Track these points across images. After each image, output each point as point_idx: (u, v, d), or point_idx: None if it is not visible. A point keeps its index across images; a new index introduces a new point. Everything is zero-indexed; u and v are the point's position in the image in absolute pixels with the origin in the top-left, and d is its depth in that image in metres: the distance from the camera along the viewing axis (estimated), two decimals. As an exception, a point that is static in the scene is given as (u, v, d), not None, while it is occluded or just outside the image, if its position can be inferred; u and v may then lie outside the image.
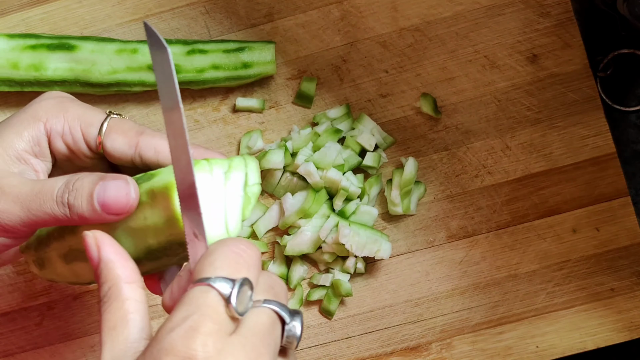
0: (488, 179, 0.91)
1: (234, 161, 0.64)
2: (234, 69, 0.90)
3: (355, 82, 0.92)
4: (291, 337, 0.57)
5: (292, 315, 0.57)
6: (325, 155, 0.89)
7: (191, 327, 0.53)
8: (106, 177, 0.64)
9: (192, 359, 0.52)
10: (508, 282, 0.90)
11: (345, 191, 0.89)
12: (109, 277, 0.60)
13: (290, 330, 0.57)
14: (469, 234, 0.91)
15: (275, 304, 0.56)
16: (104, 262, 0.60)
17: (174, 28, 0.93)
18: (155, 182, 0.63)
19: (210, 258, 0.56)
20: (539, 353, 0.90)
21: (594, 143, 0.91)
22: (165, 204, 0.62)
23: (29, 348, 0.93)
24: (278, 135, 0.93)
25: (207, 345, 0.52)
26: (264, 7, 0.92)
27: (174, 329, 0.53)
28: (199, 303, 0.54)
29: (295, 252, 0.89)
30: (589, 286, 0.90)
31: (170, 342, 0.53)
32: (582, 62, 0.91)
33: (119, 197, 0.63)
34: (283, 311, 0.56)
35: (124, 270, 0.60)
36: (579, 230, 0.90)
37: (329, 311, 0.91)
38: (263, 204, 0.92)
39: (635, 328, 0.90)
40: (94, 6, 0.93)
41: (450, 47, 0.91)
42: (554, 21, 0.91)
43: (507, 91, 0.91)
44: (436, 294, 0.91)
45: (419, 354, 0.91)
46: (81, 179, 0.65)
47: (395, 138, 0.92)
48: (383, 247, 0.88)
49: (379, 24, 0.92)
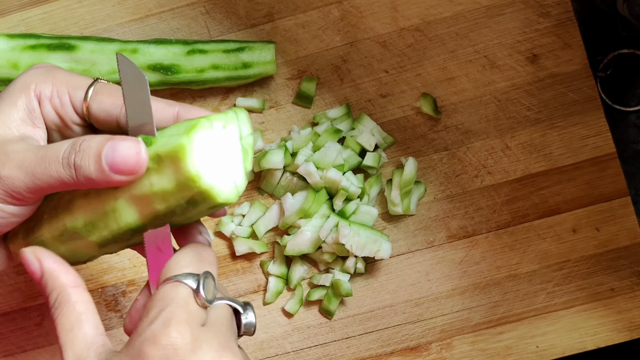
0: (488, 179, 0.91)
1: (228, 115, 0.64)
2: (234, 69, 0.90)
3: (355, 82, 0.92)
4: (249, 324, 0.64)
5: (245, 307, 0.64)
6: (325, 155, 0.89)
7: (168, 317, 0.59)
8: (115, 138, 0.63)
9: (173, 347, 0.58)
10: (508, 282, 0.90)
11: (345, 191, 0.89)
12: (55, 285, 0.64)
13: (247, 319, 0.64)
14: (469, 234, 0.91)
15: (228, 299, 0.63)
16: (48, 273, 0.64)
17: (174, 28, 0.93)
18: (161, 146, 0.62)
19: (174, 260, 0.62)
20: (539, 353, 0.90)
21: (594, 143, 0.91)
22: (175, 167, 0.61)
23: (29, 348, 0.93)
24: (278, 135, 0.93)
25: (184, 333, 0.58)
26: (264, 7, 0.92)
27: (152, 322, 0.59)
28: (171, 297, 0.60)
29: (295, 252, 0.89)
30: (589, 286, 0.90)
31: (151, 333, 0.58)
32: (582, 62, 0.91)
33: (128, 156, 0.61)
34: (237, 304, 0.64)
35: (67, 277, 0.64)
36: (579, 230, 0.90)
37: (329, 311, 0.91)
38: (263, 204, 0.92)
39: (635, 328, 0.90)
40: (94, 6, 0.93)
41: (450, 47, 0.91)
42: (554, 21, 0.91)
43: (507, 91, 0.91)
44: (436, 294, 0.91)
45: (419, 354, 0.91)
46: (88, 140, 0.63)
47: (395, 138, 0.92)
48: (383, 247, 0.88)
49: (379, 24, 0.92)
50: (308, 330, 0.92)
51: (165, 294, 0.60)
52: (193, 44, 0.90)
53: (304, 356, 0.91)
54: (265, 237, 0.92)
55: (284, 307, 0.92)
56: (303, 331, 0.92)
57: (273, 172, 0.91)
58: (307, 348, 0.91)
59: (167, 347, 0.58)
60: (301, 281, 0.92)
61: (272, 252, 0.92)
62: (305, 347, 0.91)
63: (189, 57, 0.89)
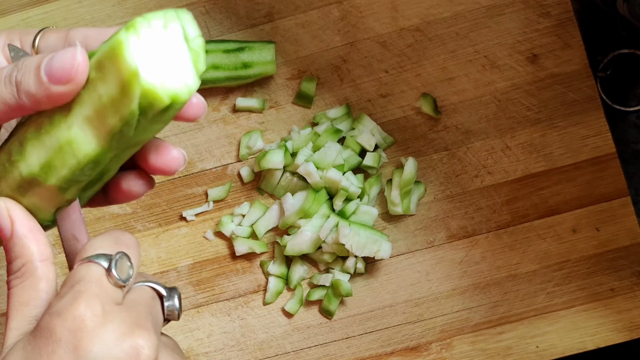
0: (488, 179, 0.91)
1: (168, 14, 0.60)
2: (234, 69, 0.90)
3: (355, 82, 0.92)
4: (171, 307, 0.61)
5: (170, 291, 0.61)
6: (325, 155, 0.89)
7: (78, 292, 0.56)
8: None
9: (80, 320, 0.55)
10: (508, 282, 0.90)
11: (345, 191, 0.89)
12: (23, 253, 0.61)
13: (169, 301, 0.61)
14: (469, 234, 0.91)
15: (152, 282, 0.61)
16: (18, 237, 0.61)
17: (174, 28, 0.93)
18: (101, 51, 0.58)
19: (89, 244, 0.60)
20: (539, 353, 0.90)
21: (594, 143, 0.91)
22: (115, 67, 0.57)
23: (29, 348, 0.92)
24: (278, 135, 0.93)
25: (94, 307, 0.56)
26: (264, 7, 0.92)
27: (62, 297, 0.56)
28: (82, 274, 0.57)
29: (295, 252, 0.89)
30: (589, 286, 0.90)
31: (59, 307, 0.56)
32: (582, 62, 0.91)
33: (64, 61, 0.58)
34: (160, 287, 0.61)
35: (37, 246, 0.61)
36: (579, 230, 0.90)
37: (329, 311, 0.91)
38: (263, 204, 0.92)
39: (635, 328, 0.90)
40: (94, 6, 0.93)
41: (450, 47, 0.91)
42: (554, 21, 0.91)
43: (507, 91, 0.91)
44: (436, 294, 0.91)
45: (419, 354, 0.91)
46: (30, 58, 0.61)
47: (395, 138, 0.92)
48: (383, 247, 0.88)
49: (379, 24, 0.92)
50: (308, 330, 0.92)
51: (76, 272, 0.58)
52: (193, 44, 0.90)
53: (304, 356, 0.91)
54: (265, 237, 0.92)
55: (284, 307, 0.92)
56: (303, 331, 0.92)
57: (273, 172, 0.91)
58: (307, 348, 0.91)
59: (75, 319, 0.55)
60: (301, 281, 0.92)
61: (272, 252, 0.92)
62: (305, 347, 0.91)
63: (189, 57, 0.89)
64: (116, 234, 0.61)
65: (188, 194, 0.93)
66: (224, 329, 0.92)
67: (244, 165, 0.93)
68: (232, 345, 0.92)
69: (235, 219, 0.92)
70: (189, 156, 0.93)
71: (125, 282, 0.58)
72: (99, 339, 0.55)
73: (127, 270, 0.59)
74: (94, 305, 0.56)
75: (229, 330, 0.92)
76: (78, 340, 0.55)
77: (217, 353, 0.92)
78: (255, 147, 0.92)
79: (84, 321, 0.55)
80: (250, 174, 0.92)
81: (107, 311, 0.56)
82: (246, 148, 0.92)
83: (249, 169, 0.92)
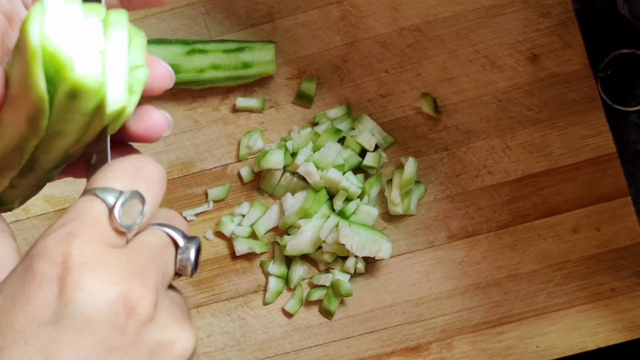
0: (488, 179, 0.91)
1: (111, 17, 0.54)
2: (234, 69, 0.90)
3: (355, 82, 0.92)
4: (184, 260, 0.53)
5: (188, 240, 0.53)
6: (325, 155, 0.89)
7: (68, 232, 0.49)
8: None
9: (66, 262, 0.48)
10: (508, 282, 0.90)
11: (345, 191, 0.89)
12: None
13: (184, 253, 0.53)
14: (469, 234, 0.91)
15: (169, 228, 0.53)
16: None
17: (174, 28, 0.93)
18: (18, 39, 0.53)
19: (104, 170, 0.52)
20: (539, 353, 0.90)
21: (594, 143, 0.90)
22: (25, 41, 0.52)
23: (29, 348, 0.92)
24: (278, 135, 0.93)
25: (84, 250, 0.48)
26: (264, 7, 0.92)
27: (49, 235, 0.49)
28: (80, 211, 0.50)
29: (295, 252, 0.89)
30: (589, 286, 0.90)
31: (44, 246, 0.49)
32: (582, 62, 0.91)
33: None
34: (177, 234, 0.53)
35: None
36: (580, 230, 0.90)
37: (329, 311, 0.91)
38: (263, 204, 0.92)
39: (635, 328, 0.89)
40: (94, 6, 0.93)
41: (451, 47, 0.91)
42: (554, 21, 0.91)
43: (508, 91, 0.91)
44: (436, 294, 0.91)
45: (419, 354, 0.91)
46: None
47: (395, 138, 0.92)
48: (383, 247, 0.88)
49: (379, 24, 0.92)
50: (308, 330, 0.91)
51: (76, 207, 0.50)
52: (193, 43, 0.90)
53: (304, 356, 0.91)
54: (265, 237, 0.92)
55: (284, 307, 0.92)
56: (303, 331, 0.91)
57: (273, 172, 0.91)
58: (307, 348, 0.91)
59: (59, 264, 0.48)
60: (301, 281, 0.92)
61: (272, 252, 0.92)
62: (305, 347, 0.91)
63: (188, 57, 0.89)
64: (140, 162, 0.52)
65: (188, 194, 0.93)
66: (224, 329, 0.92)
67: (244, 165, 0.93)
68: (232, 345, 0.92)
69: (235, 219, 0.92)
70: (189, 156, 0.93)
71: (128, 229, 0.51)
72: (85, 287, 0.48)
73: (135, 214, 0.51)
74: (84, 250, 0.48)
75: (229, 330, 0.92)
76: (61, 287, 0.48)
77: (217, 353, 0.92)
78: (255, 147, 0.92)
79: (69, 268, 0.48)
80: (250, 174, 0.92)
81: (98, 256, 0.48)
82: (246, 148, 0.92)
83: (249, 169, 0.92)
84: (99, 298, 0.48)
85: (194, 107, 0.93)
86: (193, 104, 0.93)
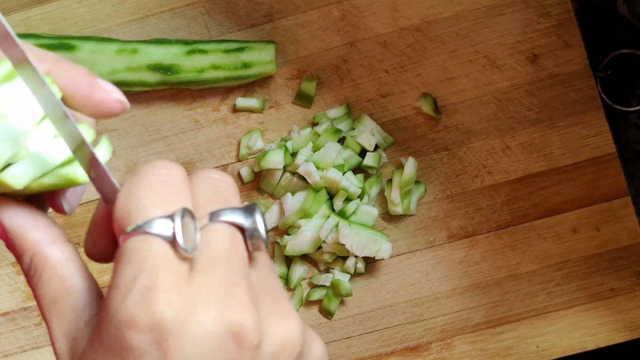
0: (488, 179, 0.91)
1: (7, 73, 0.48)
2: (234, 69, 0.90)
3: (355, 82, 0.92)
4: (256, 240, 0.46)
5: (250, 215, 0.46)
6: (325, 155, 0.89)
7: (145, 286, 0.43)
8: None
9: (161, 325, 0.42)
10: (508, 282, 0.90)
11: (345, 191, 0.89)
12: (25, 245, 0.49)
13: (253, 233, 0.46)
14: (469, 234, 0.91)
15: (224, 214, 0.46)
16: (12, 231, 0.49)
17: (174, 28, 0.93)
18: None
19: (133, 198, 0.45)
20: (539, 353, 0.90)
21: (594, 143, 0.90)
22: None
23: (28, 348, 0.92)
24: (278, 135, 0.93)
25: (173, 302, 0.43)
26: (264, 7, 0.92)
27: (126, 296, 0.43)
28: (142, 256, 0.43)
29: (295, 252, 0.89)
30: (589, 286, 0.90)
31: (128, 312, 0.43)
32: (582, 62, 0.91)
33: None
34: (238, 216, 0.46)
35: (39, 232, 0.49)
36: (579, 230, 0.90)
37: (329, 311, 0.91)
38: (263, 204, 0.92)
39: (635, 328, 0.89)
40: (94, 6, 0.93)
41: (451, 47, 0.91)
42: (554, 21, 0.91)
43: (508, 91, 0.91)
44: (436, 294, 0.91)
45: (419, 354, 0.91)
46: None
47: (395, 138, 0.92)
48: (383, 247, 0.88)
49: (379, 24, 0.92)
50: (308, 330, 0.91)
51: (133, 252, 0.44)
52: (193, 44, 0.90)
53: (304, 356, 0.91)
54: (265, 237, 0.92)
55: (284, 307, 0.92)
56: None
57: (273, 172, 0.91)
58: (307, 348, 0.91)
59: (154, 328, 0.42)
60: (301, 281, 0.92)
61: (272, 252, 0.92)
62: (305, 347, 0.91)
63: (189, 57, 0.89)
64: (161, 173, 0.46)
65: (188, 194, 0.93)
66: (224, 329, 0.92)
67: (244, 165, 0.93)
68: (232, 345, 0.92)
69: (235, 219, 0.92)
70: (189, 156, 0.93)
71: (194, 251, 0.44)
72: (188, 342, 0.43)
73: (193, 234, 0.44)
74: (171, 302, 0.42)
75: (229, 331, 0.92)
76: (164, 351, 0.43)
77: (217, 353, 0.92)
78: (255, 147, 0.92)
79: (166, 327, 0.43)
80: (250, 174, 0.92)
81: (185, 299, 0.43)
82: (246, 148, 0.92)
83: (249, 169, 0.92)
84: (207, 344, 0.43)
85: (194, 107, 0.93)
86: (193, 104, 0.93)
